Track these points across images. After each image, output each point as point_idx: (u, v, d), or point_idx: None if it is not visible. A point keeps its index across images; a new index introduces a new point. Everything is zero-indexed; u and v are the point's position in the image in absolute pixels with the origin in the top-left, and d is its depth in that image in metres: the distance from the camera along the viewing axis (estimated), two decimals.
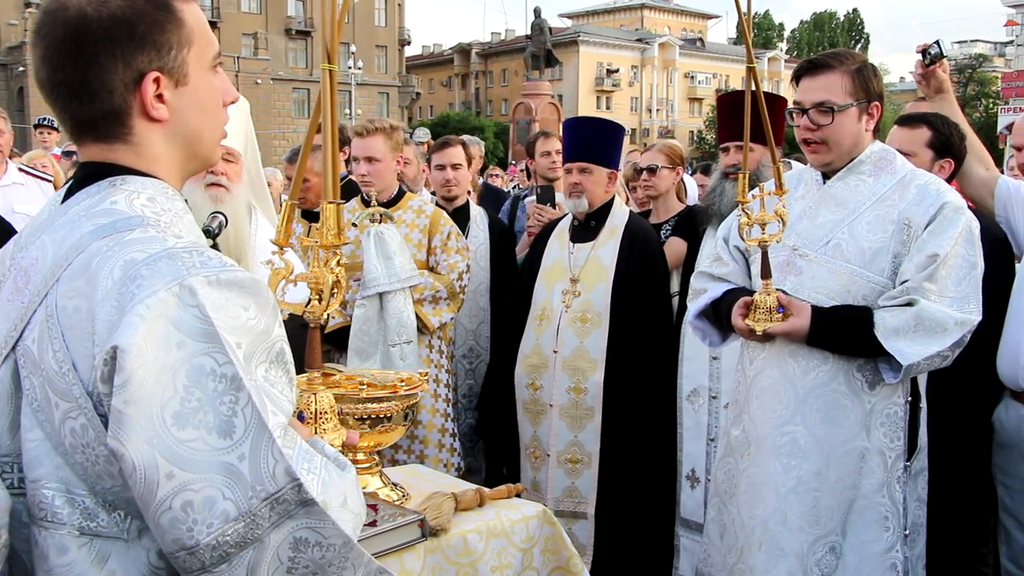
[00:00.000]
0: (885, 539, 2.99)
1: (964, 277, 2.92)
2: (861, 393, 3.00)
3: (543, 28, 33.82)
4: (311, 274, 1.92)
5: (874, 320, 2.90)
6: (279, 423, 1.43)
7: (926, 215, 2.96)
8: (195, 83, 1.60)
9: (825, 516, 3.00)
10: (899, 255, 2.98)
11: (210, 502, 1.36)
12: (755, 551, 3.06)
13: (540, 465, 4.42)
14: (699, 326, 3.43)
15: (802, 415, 3.02)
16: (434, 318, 4.50)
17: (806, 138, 3.11)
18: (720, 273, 3.39)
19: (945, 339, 2.86)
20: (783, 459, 3.04)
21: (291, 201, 1.97)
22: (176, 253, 1.42)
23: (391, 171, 4.68)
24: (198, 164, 1.70)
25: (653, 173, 5.00)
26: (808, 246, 3.08)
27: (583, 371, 4.31)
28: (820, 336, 2.96)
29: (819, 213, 3.12)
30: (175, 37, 1.56)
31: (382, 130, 4.63)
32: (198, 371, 1.36)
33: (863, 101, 3.07)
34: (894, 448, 3.02)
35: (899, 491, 3.02)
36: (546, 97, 26.52)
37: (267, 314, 1.48)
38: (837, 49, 3.25)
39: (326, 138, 1.88)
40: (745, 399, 3.21)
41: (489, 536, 2.48)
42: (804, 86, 3.12)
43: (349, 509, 1.49)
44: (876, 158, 3.12)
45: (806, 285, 3.05)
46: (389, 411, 2.52)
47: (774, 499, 3.04)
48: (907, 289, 2.91)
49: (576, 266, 4.44)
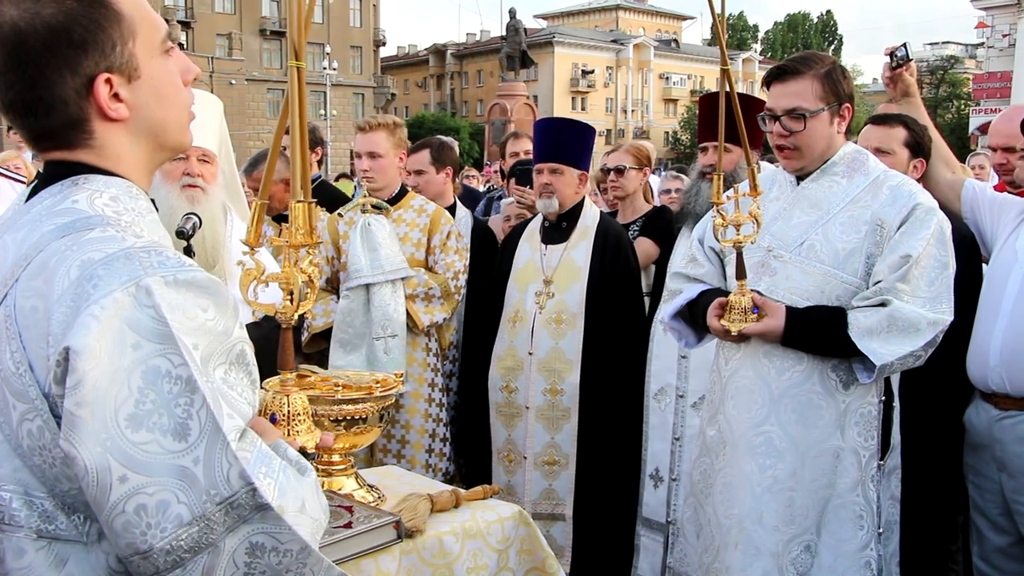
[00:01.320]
0: (859, 537, 3.02)
1: (936, 277, 2.95)
2: (835, 393, 3.03)
3: (518, 29, 33.82)
4: (282, 274, 1.91)
5: (848, 320, 2.92)
6: (235, 426, 1.41)
7: (899, 216, 2.98)
8: (148, 74, 1.57)
9: (800, 515, 3.02)
10: (872, 256, 3.00)
11: (164, 506, 1.34)
12: (731, 550, 3.08)
13: (515, 468, 4.41)
14: (675, 327, 3.44)
15: (777, 415, 3.04)
16: (424, 316, 4.44)
17: (780, 144, 3.13)
18: (695, 274, 3.40)
19: (918, 339, 2.89)
20: (758, 459, 3.06)
21: (261, 200, 1.95)
22: (134, 253, 1.40)
23: (393, 167, 4.64)
24: (168, 152, 1.68)
25: (620, 174, 5.01)
26: (782, 247, 3.10)
27: (559, 372, 4.31)
28: (794, 336, 2.98)
29: (793, 214, 3.14)
30: (117, 32, 1.52)
31: (385, 126, 4.61)
32: (153, 373, 1.35)
33: (834, 104, 3.09)
34: (868, 447, 3.04)
35: (873, 490, 3.04)
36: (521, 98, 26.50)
37: (226, 315, 1.46)
38: (806, 53, 3.26)
39: (294, 136, 1.86)
40: (720, 399, 3.22)
41: (465, 537, 2.48)
42: (775, 92, 3.14)
43: (307, 514, 1.47)
44: (849, 159, 3.14)
45: (780, 286, 3.07)
46: (364, 412, 2.51)
47: (750, 499, 3.06)
48: (880, 289, 2.94)
49: (549, 267, 4.44)
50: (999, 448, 3.37)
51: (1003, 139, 4.21)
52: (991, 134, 4.38)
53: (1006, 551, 3.42)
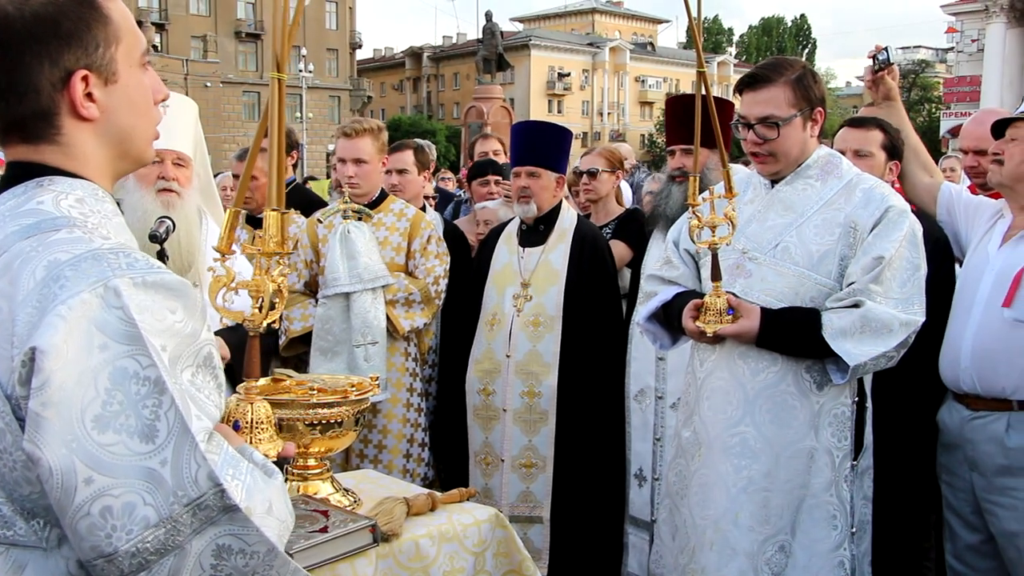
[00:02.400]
0: (833, 537, 3.04)
1: (909, 279, 2.98)
2: (809, 394, 3.05)
3: (494, 32, 33.72)
4: (252, 282, 1.90)
5: (822, 321, 2.95)
6: (203, 427, 1.41)
7: (872, 218, 3.01)
8: (125, 81, 1.59)
9: (775, 515, 3.04)
10: (846, 257, 3.03)
11: (130, 508, 1.34)
12: (706, 551, 3.09)
13: (492, 471, 4.41)
14: (650, 329, 3.46)
15: (752, 416, 3.06)
16: (405, 321, 4.42)
17: (754, 151, 3.16)
18: (670, 276, 3.42)
19: (891, 340, 2.92)
20: (733, 459, 3.08)
21: (235, 208, 1.94)
22: (101, 254, 1.40)
23: (377, 172, 4.62)
24: (130, 164, 1.68)
25: (593, 177, 5.02)
26: (757, 249, 3.13)
27: (536, 375, 4.31)
28: (769, 337, 3.01)
29: (768, 217, 3.16)
30: (102, 34, 1.54)
31: (370, 131, 4.56)
32: (121, 374, 1.35)
33: (806, 109, 3.11)
34: (841, 447, 3.07)
35: (846, 490, 3.07)
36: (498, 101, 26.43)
37: (195, 317, 1.46)
38: (776, 59, 3.29)
39: (272, 147, 1.86)
40: (695, 400, 3.24)
41: (441, 540, 2.48)
42: (747, 100, 3.16)
43: (274, 516, 1.47)
44: (823, 163, 3.17)
45: (755, 287, 3.09)
46: (340, 416, 2.51)
47: (725, 499, 3.07)
48: (854, 291, 2.96)
49: (527, 270, 4.44)
50: (970, 448, 3.40)
51: (974, 142, 4.26)
52: (962, 137, 4.44)
53: (977, 548, 3.46)
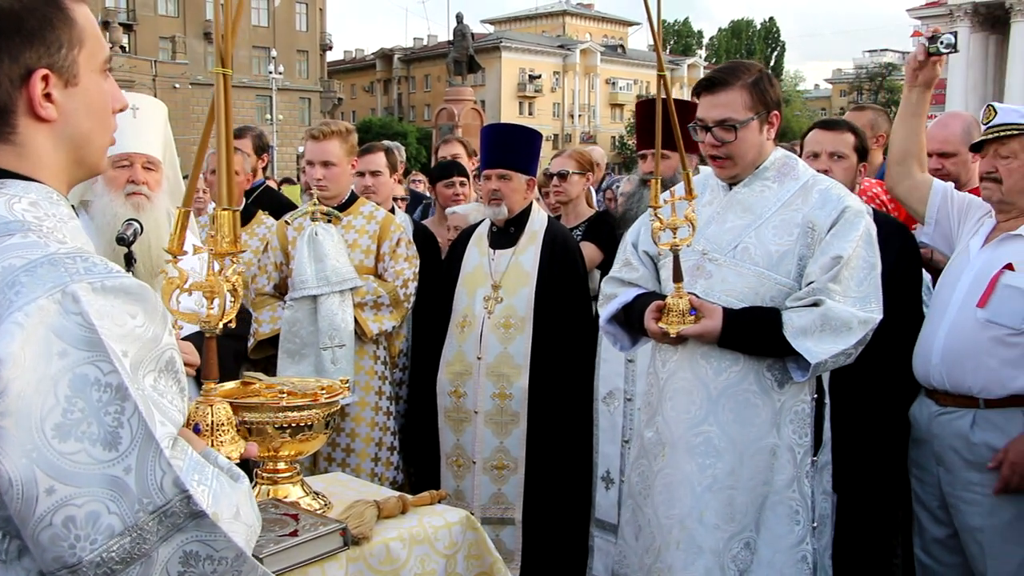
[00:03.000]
0: (796, 532, 3.08)
1: (865, 278, 3.04)
2: (771, 392, 3.09)
3: (465, 34, 33.74)
4: (205, 283, 1.89)
5: (782, 320, 2.99)
6: (168, 433, 1.40)
7: (829, 218, 3.06)
8: (85, 84, 1.57)
9: (740, 513, 3.07)
10: (804, 257, 3.07)
11: (94, 517, 1.31)
12: (673, 550, 3.12)
13: (464, 473, 4.41)
14: (610, 331, 3.48)
15: (715, 415, 3.10)
16: (373, 324, 4.40)
17: (712, 154, 3.20)
18: (630, 278, 3.44)
19: (850, 338, 2.97)
20: (698, 458, 3.10)
21: (184, 208, 1.93)
22: (58, 259, 1.38)
23: (346, 175, 4.61)
24: (85, 171, 1.65)
25: (564, 179, 5.03)
26: (717, 250, 3.16)
27: (507, 377, 4.31)
28: (731, 337, 3.04)
29: (727, 218, 3.20)
30: (66, 35, 1.52)
31: (338, 133, 4.55)
32: (81, 381, 1.32)
33: (763, 113, 3.16)
34: (802, 444, 3.11)
35: (808, 485, 3.12)
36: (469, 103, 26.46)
37: (155, 322, 1.44)
38: (734, 62, 3.33)
39: (220, 145, 1.86)
40: (658, 401, 3.26)
41: (412, 543, 2.48)
42: (705, 103, 3.20)
43: (242, 521, 1.46)
44: (779, 164, 3.22)
45: (716, 288, 3.12)
46: (310, 419, 2.49)
47: (690, 498, 3.10)
48: (813, 290, 3.01)
49: (497, 272, 4.44)
50: (936, 443, 3.45)
51: (939, 144, 4.31)
52: (927, 140, 4.49)
53: (944, 543, 3.51)
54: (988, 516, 3.31)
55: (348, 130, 4.64)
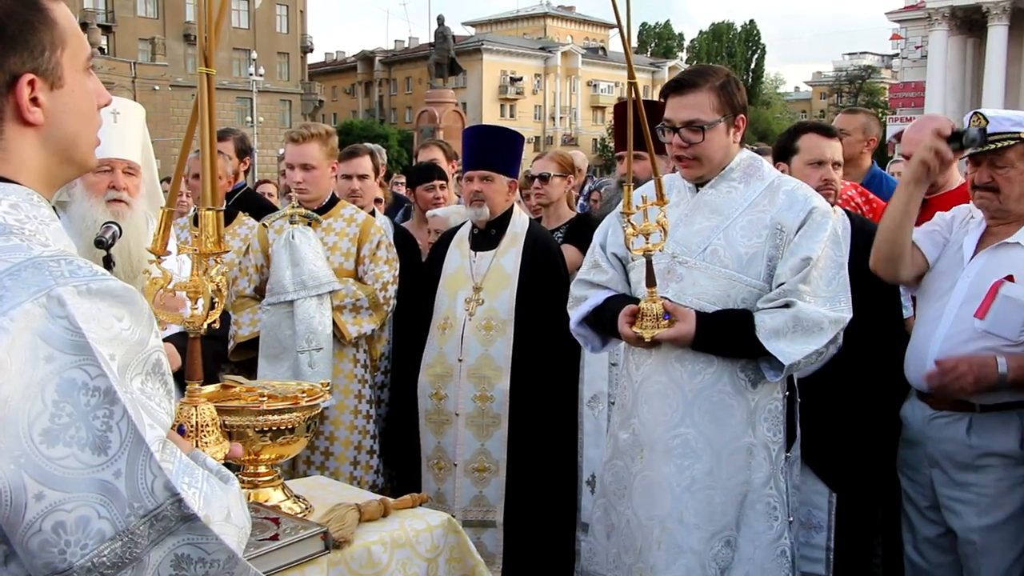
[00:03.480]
0: (775, 528, 3.12)
1: (834, 277, 3.08)
2: (745, 392, 3.12)
3: (446, 36, 33.71)
4: (190, 283, 1.88)
5: (755, 323, 3.02)
6: (157, 436, 1.39)
7: (796, 219, 3.10)
8: (70, 85, 1.56)
9: (719, 512, 3.10)
10: (773, 258, 3.10)
11: (84, 522, 1.30)
12: (654, 550, 3.13)
13: (445, 476, 4.40)
14: (581, 333, 3.50)
15: (691, 417, 3.12)
16: (352, 327, 4.39)
17: (679, 155, 3.22)
18: (600, 280, 3.45)
19: (821, 337, 3.01)
20: (676, 460, 3.13)
21: (168, 208, 1.92)
22: (42, 262, 1.37)
23: (326, 178, 4.58)
24: (74, 170, 1.64)
25: (545, 181, 5.04)
26: (687, 253, 3.18)
27: (489, 379, 4.31)
28: (705, 340, 3.06)
29: (695, 220, 3.22)
30: (48, 37, 1.51)
31: (318, 136, 4.53)
32: (69, 385, 1.31)
33: (729, 116, 3.19)
34: (776, 441, 3.15)
35: (783, 481, 3.16)
36: (450, 105, 26.44)
37: (142, 324, 1.43)
38: (702, 66, 3.41)
39: (204, 145, 1.85)
40: (633, 403, 3.28)
41: (393, 547, 2.47)
42: (673, 104, 3.22)
43: (233, 523, 1.45)
44: (745, 165, 3.25)
45: (688, 291, 3.14)
46: (291, 423, 2.49)
47: (670, 499, 3.12)
48: (784, 291, 3.04)
49: (479, 274, 4.44)
50: (931, 445, 3.47)
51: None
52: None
53: (935, 542, 3.54)
54: (982, 516, 3.34)
55: (328, 132, 4.62)
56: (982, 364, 3.26)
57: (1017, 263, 3.35)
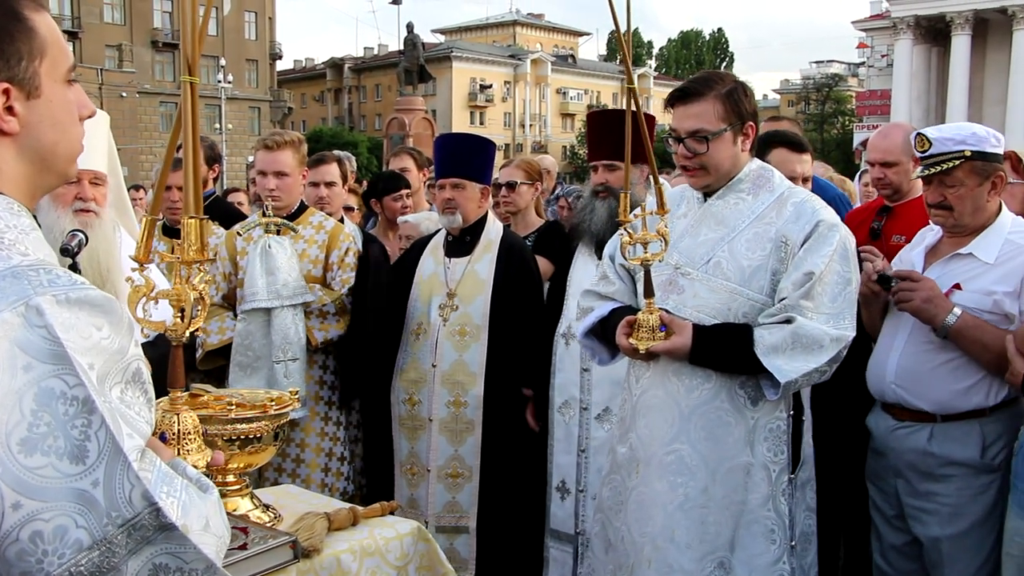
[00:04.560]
0: (772, 552, 3.04)
1: (839, 294, 2.98)
2: (744, 410, 3.05)
3: (416, 43, 33.74)
4: (172, 292, 1.87)
5: (753, 338, 2.94)
6: (136, 446, 1.38)
7: (802, 233, 3.02)
8: (48, 95, 1.54)
9: (712, 532, 3.03)
10: (777, 272, 3.03)
11: (61, 531, 1.29)
12: (644, 568, 3.09)
13: (418, 482, 4.38)
14: (588, 344, 3.44)
15: (687, 433, 3.05)
16: (319, 333, 4.36)
17: (684, 164, 3.16)
18: (607, 292, 3.41)
19: (822, 356, 2.92)
20: (670, 477, 3.07)
21: (151, 216, 1.91)
22: (21, 271, 1.36)
23: (298, 185, 4.56)
24: (54, 179, 1.63)
25: (512, 189, 5.04)
26: (690, 264, 3.12)
27: (462, 385, 4.31)
28: (702, 354, 2.99)
29: (700, 231, 3.16)
30: (26, 47, 1.50)
31: (290, 143, 4.50)
32: (47, 394, 1.30)
33: (736, 124, 3.11)
34: (778, 461, 3.07)
35: (784, 503, 3.07)
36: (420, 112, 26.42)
37: (121, 333, 1.42)
38: (708, 73, 3.30)
39: (187, 152, 1.84)
40: (631, 417, 3.23)
41: (363, 555, 2.46)
42: (678, 114, 3.17)
43: (211, 532, 1.44)
44: (755, 176, 3.18)
45: (688, 303, 3.09)
46: (259, 431, 2.47)
47: (662, 517, 3.07)
48: (785, 306, 2.96)
49: (453, 280, 4.43)
50: (894, 456, 3.49)
51: (880, 155, 4.38)
52: (869, 150, 4.56)
53: (901, 549, 3.56)
54: (947, 525, 3.35)
55: (300, 140, 4.61)
56: (938, 301, 3.28)
57: (967, 272, 3.37)
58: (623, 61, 2.94)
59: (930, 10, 46.87)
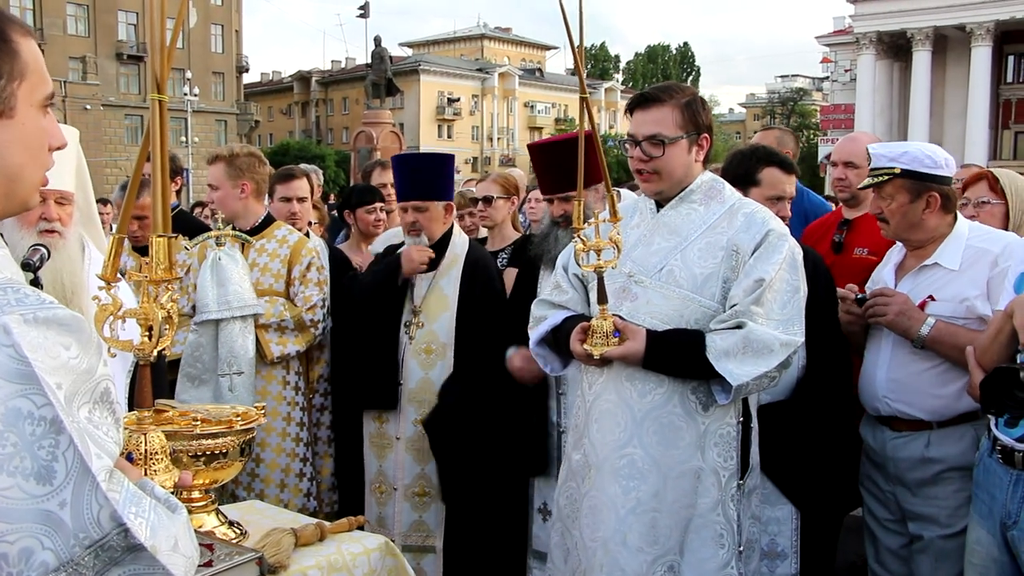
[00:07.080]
0: (721, 556, 3.07)
1: (788, 301, 3.05)
2: (695, 415, 3.08)
3: (383, 57, 33.67)
4: (140, 311, 1.86)
5: (705, 343, 2.99)
6: (104, 466, 1.37)
7: (752, 242, 3.08)
8: (22, 118, 1.53)
9: (663, 536, 3.06)
10: (728, 280, 3.08)
11: (27, 553, 1.28)
12: (596, 573, 3.11)
13: (386, 500, 4.37)
14: (540, 353, 3.47)
15: (639, 437, 3.08)
16: (276, 347, 4.35)
17: (639, 168, 3.20)
18: (560, 300, 3.44)
19: (771, 360, 2.97)
20: (622, 481, 3.09)
21: (118, 235, 1.90)
22: None
23: (233, 198, 4.56)
24: (14, 206, 1.61)
25: (489, 203, 5.05)
26: (643, 272, 3.16)
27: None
28: (655, 359, 3.03)
29: (653, 240, 3.20)
30: (7, 67, 1.50)
31: (221, 157, 4.56)
32: (14, 414, 1.29)
33: (692, 134, 3.17)
34: (727, 467, 3.11)
35: (733, 509, 3.11)
36: (387, 126, 26.43)
37: (90, 353, 1.41)
38: (668, 83, 3.37)
39: (155, 171, 1.83)
40: (584, 423, 3.25)
41: (330, 571, 2.45)
42: (637, 119, 3.22)
43: (180, 553, 1.44)
44: (706, 187, 3.24)
45: (641, 310, 3.12)
46: (225, 447, 2.45)
47: (614, 520, 3.09)
48: (736, 312, 3.01)
49: (418, 296, 4.42)
50: (891, 465, 3.57)
51: (846, 155, 4.51)
52: (835, 152, 4.69)
53: (897, 553, 3.64)
54: (945, 527, 3.44)
55: (234, 153, 4.61)
56: (910, 312, 3.42)
57: (936, 281, 3.49)
58: (576, 71, 2.98)
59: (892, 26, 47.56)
